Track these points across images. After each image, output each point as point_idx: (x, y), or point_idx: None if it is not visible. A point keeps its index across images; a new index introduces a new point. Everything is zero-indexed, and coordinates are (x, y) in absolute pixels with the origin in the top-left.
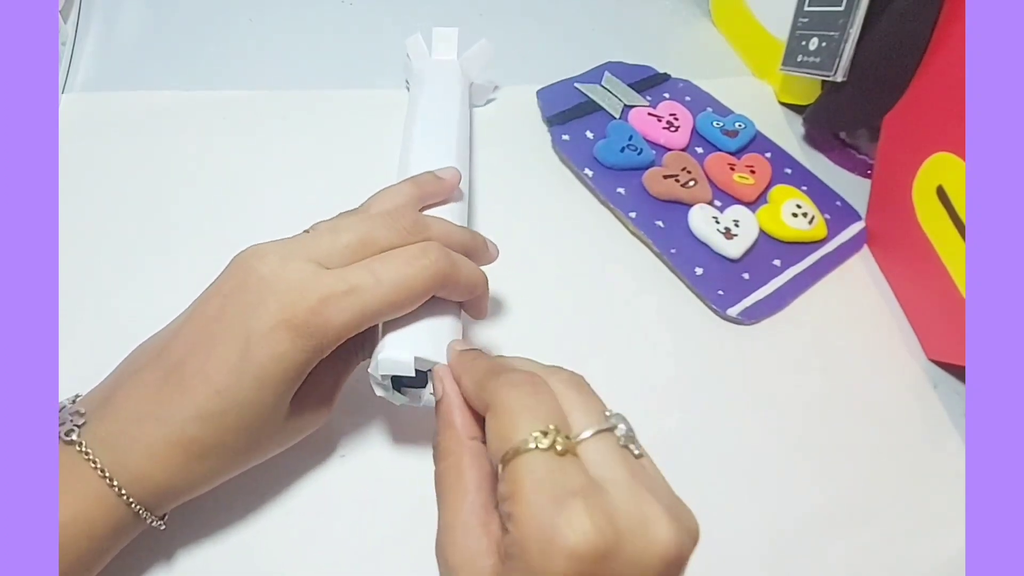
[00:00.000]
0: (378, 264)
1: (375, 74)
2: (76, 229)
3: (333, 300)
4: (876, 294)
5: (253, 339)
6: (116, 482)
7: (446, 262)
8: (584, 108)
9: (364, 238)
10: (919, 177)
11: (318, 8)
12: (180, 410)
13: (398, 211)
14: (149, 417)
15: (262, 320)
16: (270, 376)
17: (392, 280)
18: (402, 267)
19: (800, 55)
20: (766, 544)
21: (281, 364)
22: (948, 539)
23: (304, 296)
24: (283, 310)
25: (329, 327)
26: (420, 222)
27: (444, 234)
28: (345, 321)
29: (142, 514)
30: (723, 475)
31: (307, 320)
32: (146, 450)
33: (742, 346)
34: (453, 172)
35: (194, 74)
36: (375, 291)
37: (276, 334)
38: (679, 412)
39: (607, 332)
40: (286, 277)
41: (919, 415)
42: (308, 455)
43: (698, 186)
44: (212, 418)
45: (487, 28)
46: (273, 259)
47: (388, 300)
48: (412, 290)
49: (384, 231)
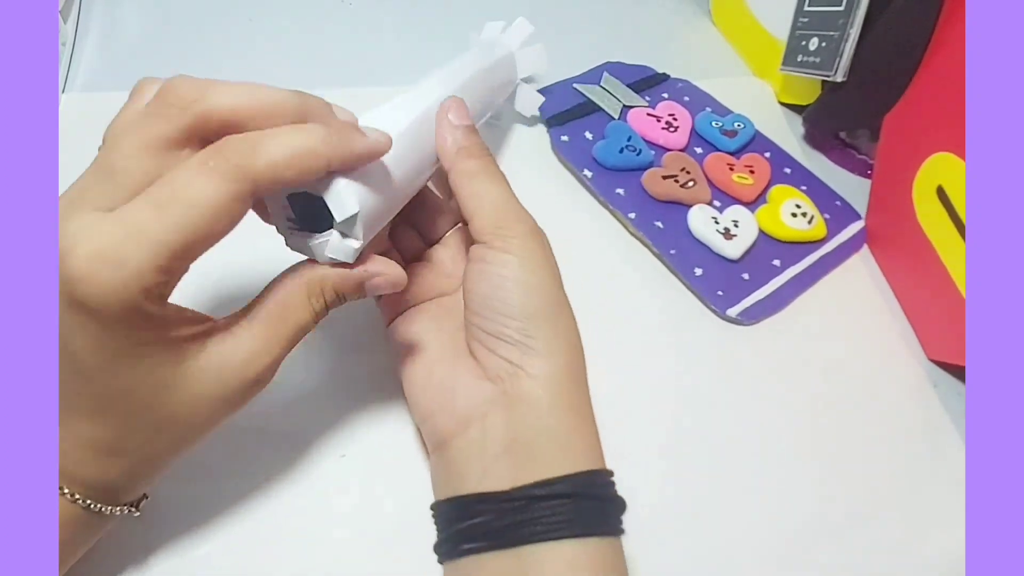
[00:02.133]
0: (159, 187)
1: (375, 74)
2: None
3: (106, 255)
4: (876, 294)
5: (66, 337)
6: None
7: (242, 149)
8: (583, 109)
9: (134, 147)
10: (919, 177)
11: (318, 8)
12: (71, 416)
13: (166, 88)
14: (60, 425)
15: (61, 312)
16: (104, 365)
17: (177, 201)
18: (186, 181)
19: (800, 55)
20: (766, 544)
21: (101, 351)
22: (948, 539)
23: (72, 264)
24: (64, 288)
25: (112, 291)
26: (192, 90)
27: (236, 99)
28: (131, 275)
29: (98, 508)
30: (723, 475)
31: (85, 292)
32: (65, 455)
33: (742, 346)
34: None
35: (194, 74)
36: (161, 223)
37: (74, 321)
38: (679, 413)
39: (607, 333)
40: (61, 243)
41: (919, 415)
42: (308, 455)
43: (697, 186)
44: (93, 418)
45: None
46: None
47: (182, 227)
48: (208, 204)
49: (151, 124)
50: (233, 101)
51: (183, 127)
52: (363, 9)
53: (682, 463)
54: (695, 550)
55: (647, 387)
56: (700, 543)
